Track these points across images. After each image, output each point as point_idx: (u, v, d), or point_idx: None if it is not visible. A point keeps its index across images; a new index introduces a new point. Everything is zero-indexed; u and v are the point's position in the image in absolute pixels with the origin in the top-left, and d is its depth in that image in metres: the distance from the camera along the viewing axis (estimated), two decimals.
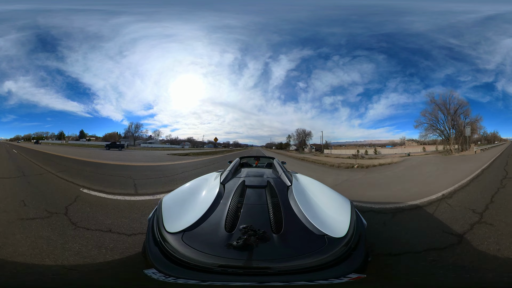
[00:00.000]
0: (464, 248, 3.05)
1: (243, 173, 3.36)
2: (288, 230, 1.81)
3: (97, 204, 4.98)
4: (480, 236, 3.34)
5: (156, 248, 1.78)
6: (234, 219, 1.91)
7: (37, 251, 2.91)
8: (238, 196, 2.29)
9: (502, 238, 3.27)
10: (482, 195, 5.51)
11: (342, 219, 1.96)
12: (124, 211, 4.58)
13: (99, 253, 2.96)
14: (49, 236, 3.33)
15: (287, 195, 2.37)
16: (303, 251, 1.66)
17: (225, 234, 1.76)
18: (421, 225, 4.08)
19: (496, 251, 2.94)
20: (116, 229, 3.64)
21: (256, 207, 2.14)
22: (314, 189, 2.67)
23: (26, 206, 4.63)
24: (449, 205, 4.90)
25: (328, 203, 2.31)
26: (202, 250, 1.65)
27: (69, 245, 3.08)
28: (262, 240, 1.65)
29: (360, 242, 1.82)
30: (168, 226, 1.87)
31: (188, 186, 2.83)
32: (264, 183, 2.65)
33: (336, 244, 1.71)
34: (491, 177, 7.82)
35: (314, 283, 1.58)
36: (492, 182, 7.04)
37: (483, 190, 6.10)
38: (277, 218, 1.93)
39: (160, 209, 2.11)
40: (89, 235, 3.40)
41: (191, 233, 1.79)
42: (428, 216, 4.38)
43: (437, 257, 2.82)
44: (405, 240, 3.35)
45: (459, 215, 4.23)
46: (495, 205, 4.72)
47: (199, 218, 1.93)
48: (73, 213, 4.28)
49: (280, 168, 3.44)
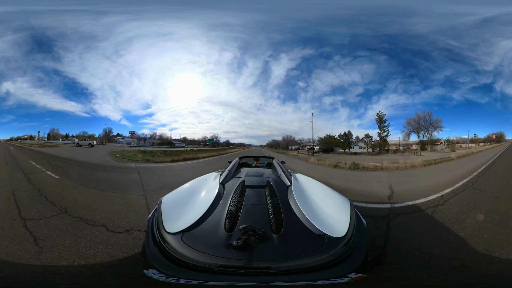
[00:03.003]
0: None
1: (243, 173, 3.35)
2: (288, 230, 1.81)
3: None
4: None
5: (155, 248, 1.77)
6: (233, 219, 1.90)
7: None
8: (237, 196, 2.28)
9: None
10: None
11: (342, 219, 1.96)
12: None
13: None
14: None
15: (286, 195, 2.37)
16: (303, 251, 1.66)
17: (225, 234, 1.75)
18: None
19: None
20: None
21: (256, 207, 2.13)
22: (313, 189, 2.67)
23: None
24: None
25: (328, 203, 2.31)
26: (202, 250, 1.64)
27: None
28: (262, 240, 1.65)
29: (360, 242, 1.82)
30: (167, 226, 1.86)
31: (188, 186, 2.82)
32: (263, 183, 2.64)
33: (336, 244, 1.70)
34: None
35: (316, 283, 1.58)
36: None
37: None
38: (277, 218, 1.92)
39: (159, 209, 2.10)
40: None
41: (191, 233, 1.79)
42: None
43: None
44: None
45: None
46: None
47: (199, 218, 1.92)
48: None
49: (279, 168, 3.43)
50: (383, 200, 5.56)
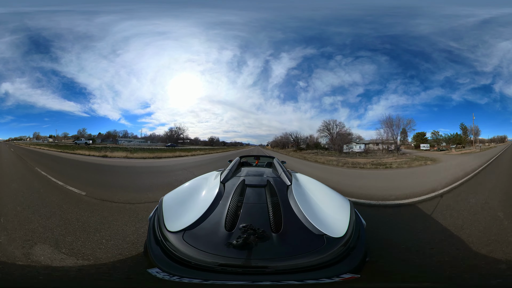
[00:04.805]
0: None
1: (243, 172, 3.35)
2: (287, 230, 1.81)
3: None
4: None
5: (157, 247, 1.78)
6: (234, 218, 1.91)
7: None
8: (238, 195, 2.28)
9: None
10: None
11: (342, 219, 1.96)
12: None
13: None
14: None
15: (286, 194, 2.38)
16: (302, 251, 1.66)
17: (225, 233, 1.76)
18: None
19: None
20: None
21: (256, 206, 2.14)
22: (313, 189, 2.68)
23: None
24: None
25: (328, 203, 2.32)
26: (202, 249, 1.65)
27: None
28: (261, 239, 1.66)
29: (359, 242, 1.83)
30: (169, 225, 1.86)
31: (188, 185, 2.82)
32: (264, 183, 2.64)
33: (335, 244, 1.71)
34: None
35: (303, 282, 1.58)
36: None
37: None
38: (277, 217, 1.93)
39: (160, 208, 2.10)
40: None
41: (192, 232, 1.79)
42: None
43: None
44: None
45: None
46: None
47: (200, 217, 1.93)
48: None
49: (280, 167, 3.43)
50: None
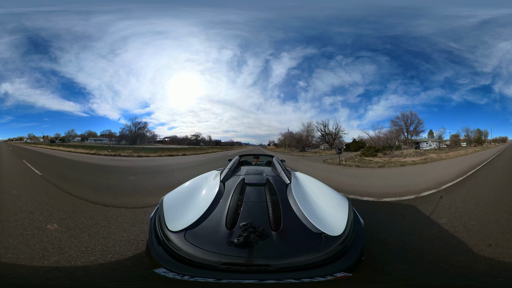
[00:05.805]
0: None
1: (243, 171, 3.36)
2: (287, 228, 1.84)
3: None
4: None
5: (160, 247, 1.79)
6: (234, 217, 1.93)
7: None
8: (238, 194, 2.30)
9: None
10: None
11: (340, 218, 1.99)
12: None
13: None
14: None
15: (286, 193, 2.39)
16: (300, 249, 1.69)
17: (226, 232, 1.78)
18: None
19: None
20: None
21: (256, 205, 2.16)
22: (313, 188, 2.70)
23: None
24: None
25: (327, 202, 2.34)
26: (205, 248, 1.67)
27: None
28: (261, 237, 1.68)
29: (356, 241, 1.85)
30: (170, 224, 1.88)
31: (189, 185, 2.84)
32: (263, 181, 2.66)
33: (333, 242, 1.73)
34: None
35: (300, 281, 1.60)
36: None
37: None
38: (276, 215, 1.95)
39: (161, 208, 2.11)
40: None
41: (193, 231, 1.81)
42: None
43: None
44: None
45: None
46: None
47: (201, 216, 1.95)
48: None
49: (279, 166, 3.45)
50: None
